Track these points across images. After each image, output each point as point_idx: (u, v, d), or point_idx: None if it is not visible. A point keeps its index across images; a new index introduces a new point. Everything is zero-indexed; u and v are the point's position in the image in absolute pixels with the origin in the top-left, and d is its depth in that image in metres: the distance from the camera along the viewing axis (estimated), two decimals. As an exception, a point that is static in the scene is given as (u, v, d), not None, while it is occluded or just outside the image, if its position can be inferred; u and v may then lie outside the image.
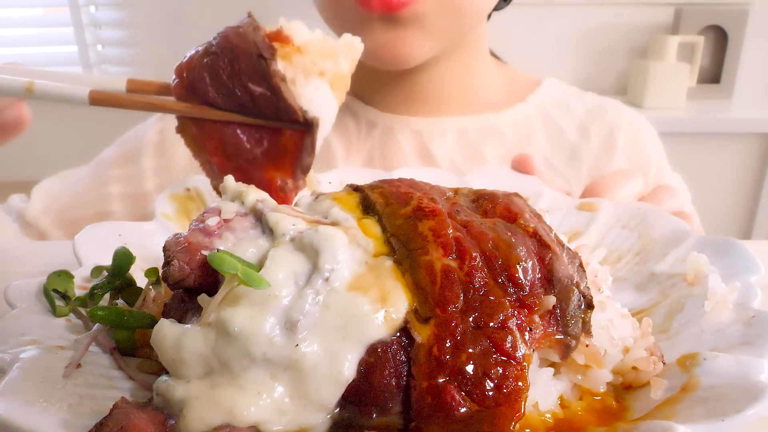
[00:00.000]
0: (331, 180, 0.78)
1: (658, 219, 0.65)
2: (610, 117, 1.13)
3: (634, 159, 1.10)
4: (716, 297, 0.49)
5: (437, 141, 1.07)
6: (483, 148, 1.08)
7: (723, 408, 0.37)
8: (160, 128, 1.13)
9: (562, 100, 1.15)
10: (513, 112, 1.11)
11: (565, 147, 1.11)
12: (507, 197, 0.51)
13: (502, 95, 1.13)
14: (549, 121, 1.12)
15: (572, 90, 1.20)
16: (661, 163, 1.14)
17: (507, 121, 1.10)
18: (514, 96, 1.14)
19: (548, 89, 1.16)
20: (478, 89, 1.11)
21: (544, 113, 1.13)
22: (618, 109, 1.16)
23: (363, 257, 0.44)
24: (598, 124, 1.12)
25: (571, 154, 1.10)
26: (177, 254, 0.44)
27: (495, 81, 1.13)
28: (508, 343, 0.40)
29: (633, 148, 1.11)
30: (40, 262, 0.77)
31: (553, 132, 1.12)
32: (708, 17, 2.40)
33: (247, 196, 0.50)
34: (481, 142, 1.08)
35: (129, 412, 0.37)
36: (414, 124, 1.08)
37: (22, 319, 0.50)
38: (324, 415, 0.40)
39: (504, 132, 1.09)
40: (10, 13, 2.75)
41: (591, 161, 1.09)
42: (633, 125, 1.14)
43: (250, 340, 0.38)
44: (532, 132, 1.11)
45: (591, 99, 1.18)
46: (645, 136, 1.14)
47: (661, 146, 1.17)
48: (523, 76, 1.19)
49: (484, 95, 1.11)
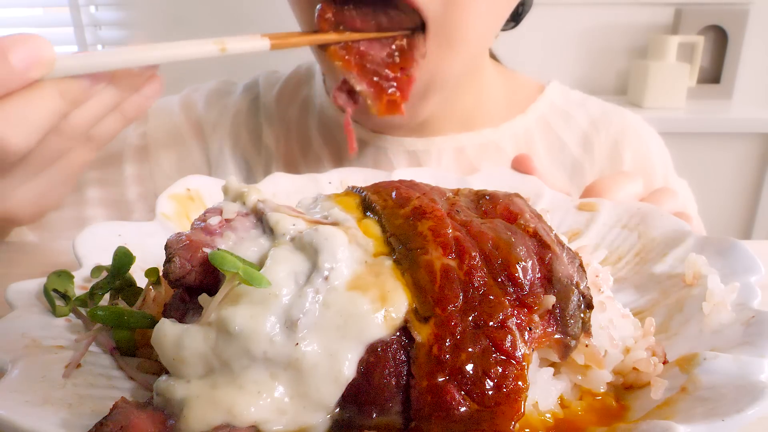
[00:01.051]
0: (331, 180, 0.78)
1: (658, 219, 0.65)
2: (614, 128, 1.08)
3: (640, 171, 1.03)
4: (715, 298, 0.49)
5: (433, 161, 1.02)
6: (480, 166, 1.02)
7: (723, 408, 0.37)
8: (142, 132, 1.09)
9: (564, 109, 1.10)
10: (512, 125, 1.06)
11: (566, 161, 1.06)
12: (507, 198, 0.51)
13: (502, 106, 1.07)
14: (550, 134, 1.07)
15: (575, 96, 1.14)
16: (667, 171, 1.10)
17: (506, 135, 1.05)
18: (514, 106, 1.08)
19: (550, 97, 1.10)
20: (480, 106, 1.04)
21: (545, 125, 1.08)
22: (622, 118, 1.11)
23: (363, 257, 0.44)
24: (602, 136, 1.07)
25: (573, 169, 1.06)
26: (178, 251, 0.44)
27: (496, 92, 1.07)
28: (508, 343, 0.40)
29: (639, 161, 1.06)
30: (40, 262, 0.77)
31: (554, 145, 1.07)
32: (708, 17, 2.40)
33: (249, 196, 0.50)
34: (478, 159, 1.03)
35: (129, 411, 0.37)
36: (408, 145, 1.02)
37: (22, 319, 0.50)
38: (324, 415, 0.40)
39: (503, 147, 1.04)
40: (10, 13, 2.76)
41: (595, 176, 1.04)
42: (638, 136, 1.09)
43: (250, 339, 0.39)
44: (532, 146, 1.05)
45: (594, 106, 1.12)
46: (651, 147, 1.09)
47: (667, 154, 1.13)
48: (525, 82, 1.14)
49: (485, 109, 1.05)
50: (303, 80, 1.14)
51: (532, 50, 2.53)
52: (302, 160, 1.07)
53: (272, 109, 1.11)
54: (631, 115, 1.13)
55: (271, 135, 1.10)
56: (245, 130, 1.11)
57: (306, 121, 1.09)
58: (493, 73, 1.07)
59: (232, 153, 1.10)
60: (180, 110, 1.12)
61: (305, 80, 1.14)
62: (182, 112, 1.12)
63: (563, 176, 1.05)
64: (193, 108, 1.13)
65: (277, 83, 1.15)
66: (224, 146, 1.10)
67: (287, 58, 1.15)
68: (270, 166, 1.08)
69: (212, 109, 1.13)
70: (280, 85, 1.14)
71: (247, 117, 1.12)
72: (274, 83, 1.15)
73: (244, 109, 1.13)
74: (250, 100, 1.14)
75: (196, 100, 1.14)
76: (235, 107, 1.13)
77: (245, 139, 1.11)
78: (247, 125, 1.11)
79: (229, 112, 1.12)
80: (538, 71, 1.21)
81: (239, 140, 1.11)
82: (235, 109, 1.13)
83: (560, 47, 2.55)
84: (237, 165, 1.10)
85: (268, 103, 1.12)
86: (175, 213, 0.69)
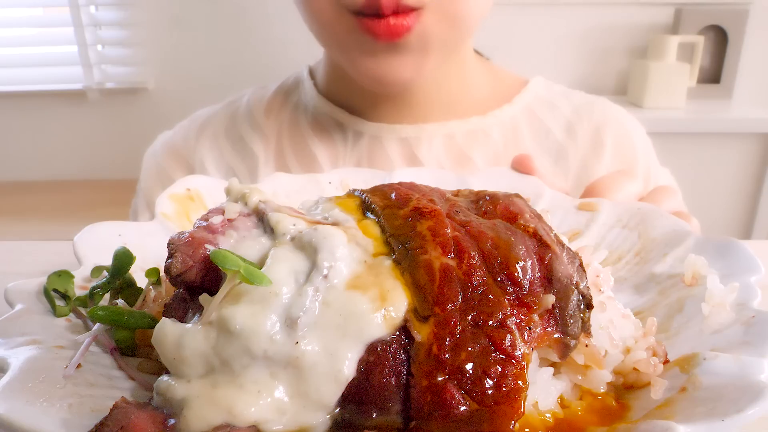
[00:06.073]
0: (332, 180, 0.78)
1: (658, 219, 0.65)
2: (596, 115, 1.12)
3: (622, 157, 1.09)
4: (714, 299, 0.49)
5: (424, 147, 1.07)
6: (470, 152, 1.07)
7: (723, 408, 0.37)
8: (138, 188, 1.16)
9: (548, 99, 1.15)
10: (499, 113, 1.11)
11: (551, 147, 1.10)
12: (507, 198, 0.51)
13: (488, 95, 1.13)
14: (535, 122, 1.12)
15: (559, 89, 1.19)
16: (650, 160, 1.13)
17: (493, 123, 1.10)
18: (500, 96, 1.13)
19: (535, 89, 1.15)
20: (464, 92, 1.10)
21: (530, 114, 1.12)
22: (604, 106, 1.15)
23: (362, 257, 0.44)
24: (584, 122, 1.11)
25: (558, 154, 1.10)
26: (180, 247, 0.45)
27: (480, 81, 1.13)
28: (507, 342, 0.40)
29: (620, 146, 1.10)
30: (40, 262, 0.78)
31: (539, 132, 1.11)
32: (708, 17, 2.40)
33: (251, 197, 0.50)
34: (468, 145, 1.08)
35: (129, 411, 0.37)
36: (400, 132, 1.08)
37: (22, 319, 0.50)
38: (324, 415, 0.40)
39: (490, 134, 1.09)
40: (10, 13, 2.76)
41: (578, 161, 1.09)
42: (620, 123, 1.13)
43: (251, 338, 0.39)
44: (518, 133, 1.10)
45: (578, 97, 1.17)
46: (632, 134, 1.13)
47: (649, 142, 1.16)
48: (509, 76, 1.19)
49: (470, 97, 1.11)
50: (291, 89, 1.20)
51: (532, 50, 2.53)
52: (295, 161, 1.11)
53: (260, 117, 1.16)
54: (614, 105, 1.18)
55: (259, 141, 1.13)
56: (227, 141, 1.15)
57: (298, 123, 1.13)
58: (476, 63, 1.13)
59: (215, 163, 1.13)
60: (161, 150, 1.17)
61: (294, 89, 1.19)
62: (163, 150, 1.17)
63: (548, 161, 1.09)
64: (175, 141, 1.18)
65: (267, 93, 1.20)
66: (205, 159, 1.13)
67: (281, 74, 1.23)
68: (256, 169, 1.11)
69: (191, 135, 1.17)
70: (270, 94, 1.19)
71: (228, 128, 1.16)
72: (263, 94, 1.20)
73: (225, 122, 1.17)
74: (232, 112, 1.19)
75: (177, 133, 1.19)
76: (213, 126, 1.17)
77: (228, 148, 1.14)
78: (229, 136, 1.15)
79: (207, 130, 1.17)
80: (538, 71, 1.22)
81: (223, 151, 1.14)
82: (213, 128, 1.17)
83: (560, 47, 2.56)
84: (219, 169, 1.13)
85: (256, 112, 1.16)
86: (175, 213, 0.69)
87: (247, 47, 2.59)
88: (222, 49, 2.61)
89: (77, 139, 2.79)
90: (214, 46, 2.62)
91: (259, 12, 2.55)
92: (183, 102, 1.87)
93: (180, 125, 1.21)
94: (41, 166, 2.83)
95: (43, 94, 2.73)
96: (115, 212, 1.09)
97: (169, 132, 1.21)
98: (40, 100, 2.74)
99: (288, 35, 2.19)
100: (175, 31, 2.62)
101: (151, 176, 1.15)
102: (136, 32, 2.67)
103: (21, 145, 2.79)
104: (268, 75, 1.41)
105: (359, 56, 0.93)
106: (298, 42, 1.60)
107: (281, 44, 2.42)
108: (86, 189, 2.69)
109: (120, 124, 2.77)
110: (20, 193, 2.70)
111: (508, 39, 2.34)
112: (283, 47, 2.36)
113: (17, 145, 2.79)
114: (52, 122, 2.78)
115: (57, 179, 2.81)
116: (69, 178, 2.81)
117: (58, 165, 2.82)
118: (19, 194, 2.68)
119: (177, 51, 2.66)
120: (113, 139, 2.77)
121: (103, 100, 2.75)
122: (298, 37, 1.40)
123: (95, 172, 2.80)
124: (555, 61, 2.57)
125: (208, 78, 2.60)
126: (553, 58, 2.57)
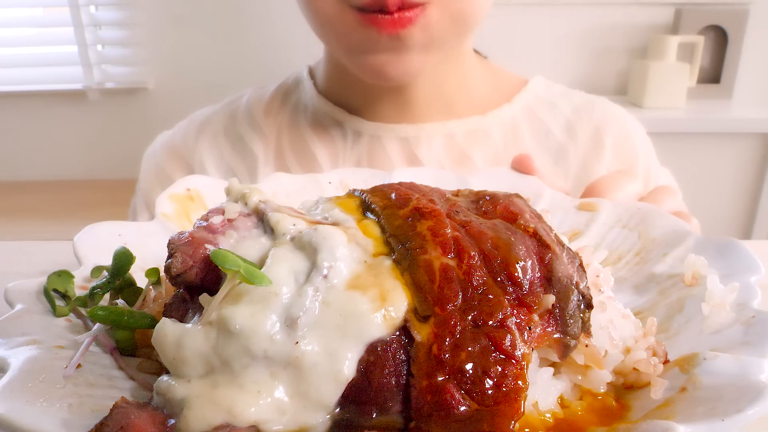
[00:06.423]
0: (331, 180, 0.78)
1: (658, 219, 0.65)
2: (596, 115, 1.12)
3: (622, 157, 1.10)
4: (714, 299, 0.49)
5: (424, 147, 1.07)
6: (470, 152, 1.07)
7: (723, 408, 0.37)
8: (137, 188, 1.15)
9: (548, 99, 1.15)
10: (499, 113, 1.11)
11: (552, 147, 1.10)
12: (507, 198, 0.51)
13: (487, 95, 1.13)
14: (535, 121, 1.12)
15: (559, 88, 1.19)
16: (650, 160, 1.13)
17: (493, 122, 1.10)
18: (500, 96, 1.13)
19: (535, 89, 1.15)
20: (464, 91, 1.10)
21: (530, 113, 1.12)
22: (604, 106, 1.15)
23: (362, 257, 0.44)
24: (584, 122, 1.11)
25: (558, 154, 1.10)
26: (180, 247, 0.45)
27: (480, 81, 1.13)
28: (507, 342, 0.40)
29: (620, 145, 1.10)
30: (40, 262, 0.78)
31: (539, 132, 1.11)
32: (708, 17, 2.40)
33: (251, 197, 0.50)
34: (468, 145, 1.08)
35: (129, 411, 0.37)
36: (400, 131, 1.08)
37: (22, 319, 0.50)
38: (324, 415, 0.40)
39: (490, 134, 1.09)
40: (10, 13, 2.76)
41: (578, 160, 1.09)
42: (620, 123, 1.13)
43: (251, 338, 0.39)
44: (518, 133, 1.10)
45: (578, 97, 1.17)
46: (632, 134, 1.13)
47: (649, 142, 1.16)
48: (509, 75, 1.19)
49: (470, 97, 1.11)
50: (291, 89, 1.19)
51: (532, 50, 2.53)
52: (294, 161, 1.11)
53: (260, 117, 1.16)
54: (614, 104, 1.18)
55: (258, 141, 1.13)
56: (227, 141, 1.15)
57: (298, 123, 1.13)
58: (476, 63, 1.13)
59: (215, 163, 1.13)
60: (161, 150, 1.17)
61: (293, 88, 1.19)
62: (162, 150, 1.17)
63: (548, 161, 1.09)
64: (175, 141, 1.17)
65: (266, 93, 1.20)
66: (204, 159, 1.13)
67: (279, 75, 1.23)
68: (256, 169, 1.11)
69: (190, 135, 1.17)
70: (270, 94, 1.19)
71: (228, 127, 1.16)
72: (263, 94, 1.20)
73: (224, 122, 1.17)
74: (231, 112, 1.19)
75: (176, 133, 1.19)
76: (213, 126, 1.17)
77: (227, 148, 1.14)
78: (228, 136, 1.15)
79: (207, 130, 1.17)
80: (538, 71, 1.22)
81: (222, 151, 1.14)
82: (213, 128, 1.17)
83: (560, 47, 2.56)
84: (218, 169, 1.13)
85: (256, 112, 1.16)
86: (175, 213, 0.69)
87: (247, 47, 2.59)
88: (222, 49, 2.61)
89: (77, 139, 2.79)
90: (214, 46, 2.62)
91: (259, 12, 2.55)
92: (183, 102, 1.87)
93: (179, 125, 1.20)
94: (41, 166, 2.83)
95: (43, 94, 2.73)
96: (115, 212, 1.09)
97: (168, 132, 1.21)
98: (40, 100, 2.74)
99: (288, 35, 2.19)
100: (175, 31, 2.62)
101: (150, 176, 1.15)
102: (136, 32, 2.67)
103: (21, 145, 2.79)
104: (268, 75, 1.41)
105: (362, 52, 0.93)
106: (298, 42, 1.61)
107: (281, 44, 2.42)
108: (86, 189, 2.69)
109: (120, 124, 2.77)
110: (20, 193, 2.70)
111: (508, 39, 2.34)
112: (283, 47, 2.37)
113: (17, 145, 2.79)
114: (52, 122, 2.78)
115: (57, 179, 2.81)
116: (69, 178, 2.80)
117: (57, 165, 2.82)
118: (19, 194, 2.68)
119: (177, 51, 2.66)
120: (113, 139, 2.77)
121: (103, 100, 2.75)
122: (298, 37, 1.40)
123: (95, 172, 2.80)
124: (555, 61, 2.57)
125: (208, 78, 2.60)
126: (553, 58, 2.57)
